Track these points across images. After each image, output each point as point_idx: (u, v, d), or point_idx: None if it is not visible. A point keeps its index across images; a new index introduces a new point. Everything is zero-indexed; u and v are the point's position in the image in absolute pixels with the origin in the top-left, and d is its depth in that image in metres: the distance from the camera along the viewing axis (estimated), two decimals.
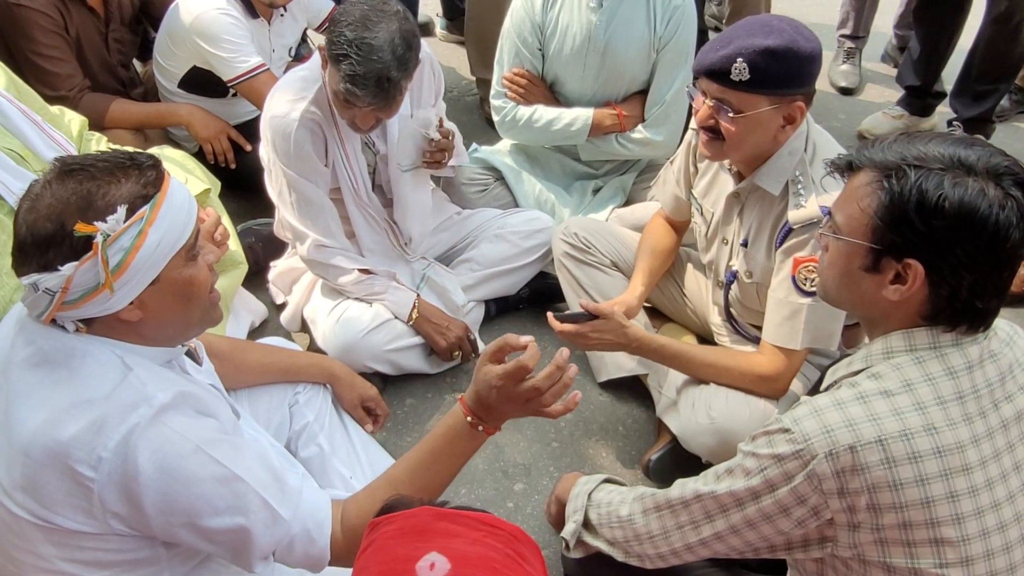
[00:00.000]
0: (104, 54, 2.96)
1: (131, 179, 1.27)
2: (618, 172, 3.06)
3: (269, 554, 1.35)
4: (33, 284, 1.24)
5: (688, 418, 2.16)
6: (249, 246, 2.75)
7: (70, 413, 1.23)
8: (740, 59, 1.87)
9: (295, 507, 1.36)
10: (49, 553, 1.29)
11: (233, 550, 1.33)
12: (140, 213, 1.26)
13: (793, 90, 1.91)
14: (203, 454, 1.28)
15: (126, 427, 1.23)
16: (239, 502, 1.30)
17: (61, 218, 1.22)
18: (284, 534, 1.34)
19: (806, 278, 1.98)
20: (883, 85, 4.30)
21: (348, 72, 2.08)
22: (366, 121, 2.23)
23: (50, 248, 1.23)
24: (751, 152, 2.02)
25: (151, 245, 1.27)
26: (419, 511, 0.97)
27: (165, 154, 2.62)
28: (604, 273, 2.53)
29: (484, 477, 2.34)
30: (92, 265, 1.23)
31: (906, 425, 1.25)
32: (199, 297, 1.38)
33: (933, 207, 1.24)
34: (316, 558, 1.39)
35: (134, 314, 1.30)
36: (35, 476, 1.24)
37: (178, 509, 1.26)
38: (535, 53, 2.87)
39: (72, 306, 1.26)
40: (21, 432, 1.25)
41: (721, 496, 1.38)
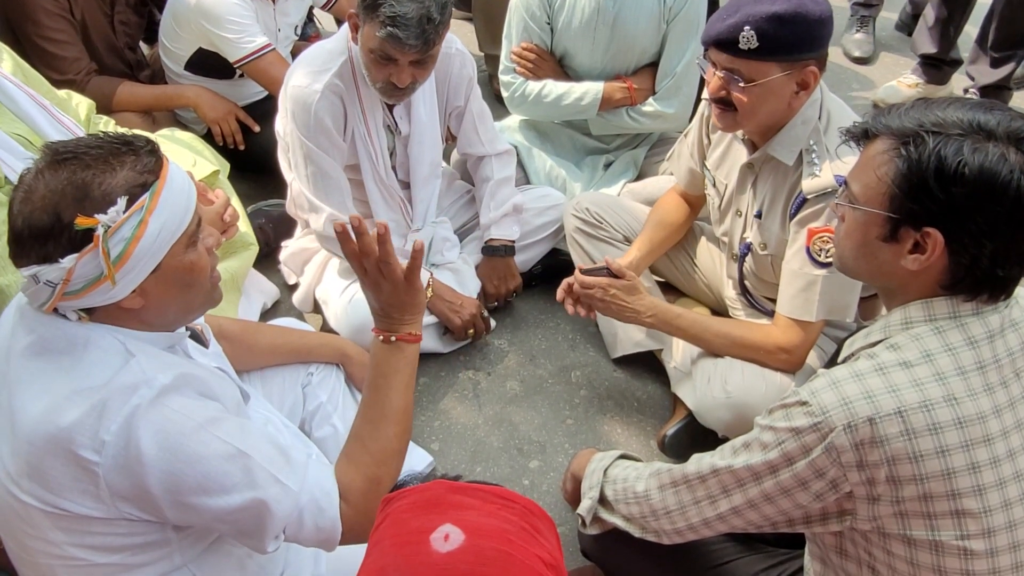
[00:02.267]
0: (110, 37, 2.95)
1: (127, 166, 1.24)
2: (629, 146, 3.03)
3: (280, 531, 1.34)
4: (33, 276, 1.23)
5: (703, 392, 2.14)
6: (259, 227, 2.75)
7: (71, 400, 1.22)
8: (747, 27, 1.85)
9: (302, 479, 1.35)
10: (59, 539, 1.29)
11: (244, 529, 1.32)
12: (140, 202, 1.23)
13: (804, 55, 1.88)
14: (206, 432, 1.27)
15: (128, 409, 1.22)
16: (246, 478, 1.29)
17: (57, 210, 1.20)
18: (293, 507, 1.33)
19: (821, 249, 1.95)
20: (898, 53, 4.24)
21: (389, 13, 2.06)
22: (403, 78, 2.19)
23: (48, 240, 1.21)
24: (765, 121, 1.99)
25: (152, 234, 1.25)
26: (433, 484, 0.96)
27: (176, 137, 2.62)
28: (616, 248, 2.52)
29: (499, 455, 2.34)
30: (93, 257, 1.21)
31: (926, 396, 1.23)
32: (200, 282, 1.36)
33: (952, 174, 1.21)
34: (327, 530, 1.37)
35: (136, 302, 1.29)
36: (40, 463, 1.23)
37: (185, 488, 1.25)
38: (543, 27, 2.83)
39: (74, 297, 1.24)
40: (24, 420, 1.24)
41: (738, 470, 1.36)
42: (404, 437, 1.50)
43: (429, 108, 2.50)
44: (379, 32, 2.09)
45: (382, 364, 1.49)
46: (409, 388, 1.50)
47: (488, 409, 2.48)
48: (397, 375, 1.49)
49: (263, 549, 1.35)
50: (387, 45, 2.11)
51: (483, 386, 2.55)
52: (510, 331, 2.72)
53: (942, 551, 1.26)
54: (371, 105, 2.37)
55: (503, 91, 2.95)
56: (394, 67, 2.17)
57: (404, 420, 1.49)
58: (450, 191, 2.80)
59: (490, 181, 2.66)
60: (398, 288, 1.48)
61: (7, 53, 2.19)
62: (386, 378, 1.49)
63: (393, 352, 1.49)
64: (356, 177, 2.48)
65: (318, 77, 2.29)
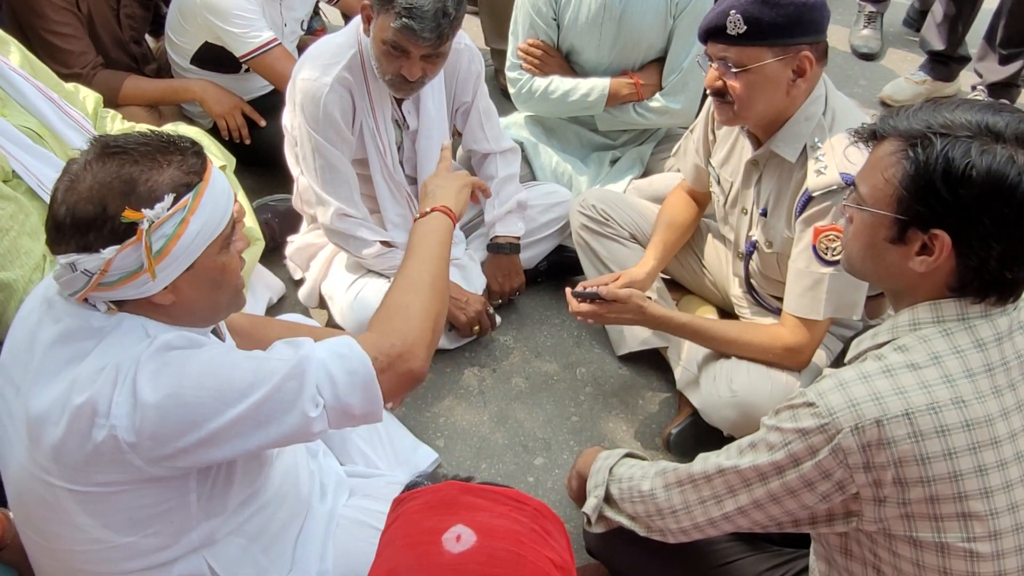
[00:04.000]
0: (116, 30, 2.95)
1: (173, 165, 1.28)
2: (636, 143, 3.03)
3: (315, 393, 1.31)
4: (71, 264, 1.24)
5: (709, 391, 2.14)
6: (265, 222, 2.75)
7: (91, 377, 1.25)
8: (734, 11, 1.86)
9: (312, 346, 1.36)
10: (85, 523, 1.31)
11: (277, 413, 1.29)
12: (184, 201, 1.27)
13: (796, 39, 1.87)
14: (204, 355, 1.29)
15: (135, 367, 1.25)
16: (260, 374, 1.29)
17: (104, 201, 1.22)
18: (317, 365, 1.32)
19: (827, 247, 1.95)
20: (905, 50, 4.22)
21: (405, 5, 2.06)
22: (413, 71, 2.19)
23: (91, 230, 1.23)
24: (764, 112, 1.98)
25: (192, 233, 1.28)
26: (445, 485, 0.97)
27: (182, 131, 2.61)
28: (622, 245, 2.51)
29: (504, 452, 2.34)
30: (134, 250, 1.24)
31: (934, 398, 1.23)
32: (229, 283, 1.39)
33: (960, 176, 1.21)
34: (360, 373, 1.34)
35: (167, 298, 1.31)
36: (66, 442, 1.25)
37: (207, 410, 1.25)
38: (550, 23, 2.83)
39: (108, 288, 1.27)
40: (48, 403, 1.26)
41: (744, 471, 1.37)
42: (440, 279, 1.56)
43: (438, 104, 2.50)
44: (394, 23, 2.09)
45: (417, 231, 1.64)
46: (444, 246, 1.63)
47: (493, 406, 2.48)
48: (433, 234, 1.63)
49: (308, 427, 1.31)
50: (401, 37, 2.11)
51: (488, 383, 2.55)
52: (515, 328, 2.72)
53: (948, 553, 1.26)
54: (380, 99, 2.37)
55: (510, 87, 2.95)
56: (405, 60, 2.17)
57: (439, 265, 1.58)
58: None
59: (494, 179, 2.65)
60: None
61: (15, 46, 2.19)
62: (423, 236, 1.63)
63: (428, 219, 1.66)
64: (364, 172, 2.48)
65: (327, 70, 2.29)
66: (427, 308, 1.47)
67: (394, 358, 1.39)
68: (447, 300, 1.54)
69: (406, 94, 2.35)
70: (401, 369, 1.39)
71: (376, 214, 2.54)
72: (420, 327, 1.45)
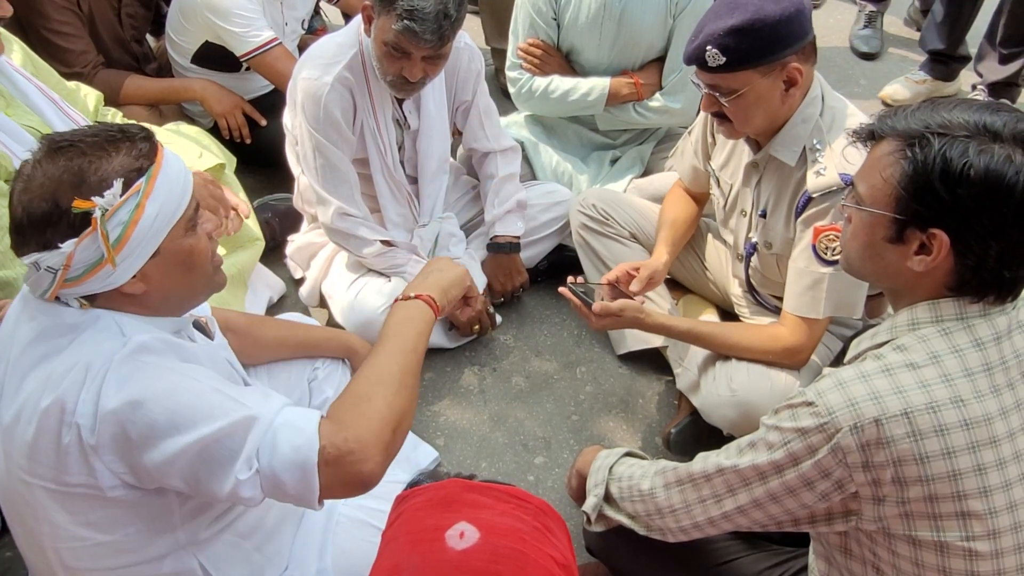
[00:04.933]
0: (117, 30, 2.96)
1: (122, 152, 1.27)
2: (636, 142, 3.03)
3: (253, 454, 1.24)
4: (34, 263, 1.25)
5: (709, 390, 2.15)
6: (266, 221, 2.75)
7: (63, 376, 1.24)
8: (710, 46, 1.86)
9: (279, 408, 1.29)
10: (63, 520, 1.31)
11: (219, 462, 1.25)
12: (136, 186, 1.26)
13: (778, 55, 1.87)
14: (175, 374, 1.26)
15: (104, 369, 1.24)
16: (218, 408, 1.24)
17: (55, 196, 1.23)
18: (267, 427, 1.25)
19: (827, 247, 1.95)
20: (905, 49, 4.22)
21: (407, 7, 2.07)
22: (415, 72, 2.20)
23: (48, 227, 1.23)
24: (763, 124, 1.99)
25: (149, 217, 1.27)
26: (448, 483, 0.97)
27: (182, 131, 2.62)
28: (622, 244, 2.52)
29: (504, 451, 2.35)
30: (92, 241, 1.24)
31: (932, 397, 1.24)
32: (201, 266, 1.38)
33: (958, 175, 1.21)
34: (304, 451, 1.24)
35: (137, 287, 1.31)
36: (37, 440, 1.25)
37: (159, 429, 1.22)
38: (550, 23, 2.83)
39: (75, 283, 1.27)
40: (22, 402, 1.27)
41: (744, 470, 1.37)
42: (409, 374, 1.39)
43: (438, 103, 2.51)
44: (395, 25, 2.10)
45: (395, 314, 1.48)
46: (421, 336, 1.45)
47: (493, 405, 2.48)
48: (410, 323, 1.46)
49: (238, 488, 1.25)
50: (402, 39, 2.12)
51: (488, 382, 2.55)
52: (516, 327, 2.72)
53: (947, 552, 1.26)
54: (381, 99, 2.38)
55: (510, 87, 2.95)
56: (407, 61, 2.18)
57: (410, 358, 1.40)
58: (456, 186, 2.80)
59: (494, 178, 2.66)
60: None
61: (17, 45, 2.20)
62: (399, 323, 1.46)
63: (408, 305, 1.49)
64: (364, 171, 2.48)
65: (328, 70, 2.30)
66: (391, 405, 1.32)
67: (344, 453, 1.25)
68: (416, 396, 1.42)
69: (407, 94, 2.35)
70: (349, 468, 1.25)
71: (376, 213, 2.54)
72: (379, 426, 1.29)
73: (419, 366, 1.43)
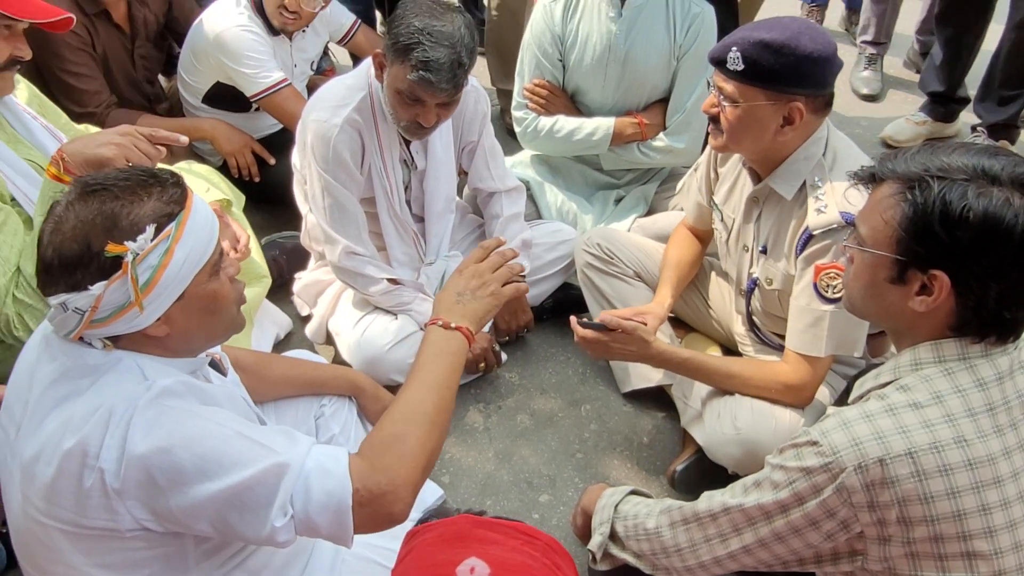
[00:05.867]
0: (130, 70, 3.01)
1: (154, 197, 1.29)
2: (640, 182, 3.06)
3: (287, 501, 1.25)
4: (62, 304, 1.26)
5: (713, 428, 2.15)
6: (273, 259, 2.78)
7: (84, 419, 1.25)
8: (736, 48, 1.91)
9: (307, 449, 1.29)
10: (79, 561, 1.30)
11: (252, 509, 1.25)
12: (167, 231, 1.28)
13: (791, 88, 1.90)
14: (201, 419, 1.26)
15: (129, 413, 1.24)
16: (246, 454, 1.25)
17: (87, 239, 1.24)
18: (297, 472, 1.26)
19: (828, 285, 1.97)
20: (906, 91, 4.27)
21: (421, 58, 2.10)
22: (429, 119, 2.24)
23: (78, 269, 1.25)
24: (752, 148, 2.03)
25: (178, 262, 1.29)
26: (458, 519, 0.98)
27: (192, 169, 2.66)
28: (627, 283, 2.53)
29: (509, 489, 2.35)
30: (121, 284, 1.25)
31: (936, 438, 1.24)
32: (224, 309, 1.40)
33: (957, 218, 1.24)
34: (337, 494, 1.26)
35: (161, 329, 1.32)
36: (56, 482, 1.25)
37: (187, 475, 1.23)
38: (555, 64, 2.88)
39: (101, 324, 1.28)
40: (42, 443, 1.27)
41: (749, 509, 1.37)
42: (443, 411, 1.39)
43: (445, 144, 2.54)
44: (410, 75, 2.14)
45: (433, 344, 1.45)
46: (455, 372, 1.44)
47: (498, 442, 2.48)
48: (447, 356, 1.44)
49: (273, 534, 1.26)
50: (417, 88, 2.16)
51: (493, 419, 2.56)
52: (520, 365, 2.73)
53: None
54: (389, 140, 2.41)
55: (515, 126, 2.99)
56: (421, 108, 2.21)
57: (445, 394, 1.40)
58: (462, 225, 2.83)
59: (499, 218, 2.68)
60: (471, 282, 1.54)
61: (24, 84, 2.24)
62: (436, 355, 1.44)
63: (449, 337, 1.46)
64: (371, 210, 2.51)
65: (337, 111, 2.34)
66: (423, 445, 1.33)
67: (377, 496, 1.27)
68: (446, 431, 1.43)
69: (421, 138, 2.39)
70: (381, 510, 1.28)
71: (383, 251, 2.57)
72: (411, 467, 1.31)
73: (452, 402, 1.43)
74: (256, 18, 2.87)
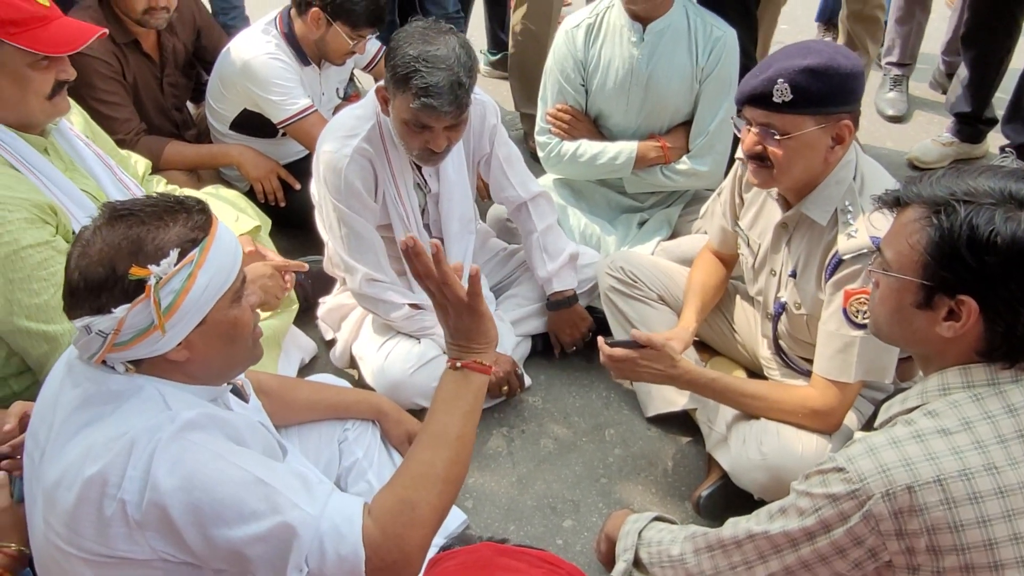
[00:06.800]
0: (159, 98, 3.06)
1: (179, 223, 1.31)
2: (663, 205, 3.06)
3: (303, 561, 1.28)
4: (86, 327, 1.28)
5: (739, 454, 2.13)
6: (299, 283, 2.79)
7: (106, 446, 1.26)
8: (781, 79, 1.88)
9: (323, 505, 1.30)
10: None
11: (267, 559, 1.28)
12: (190, 256, 1.30)
13: (838, 108, 1.91)
14: (223, 460, 1.27)
15: (152, 445, 1.25)
16: (265, 504, 1.26)
17: (113, 262, 1.26)
18: (313, 534, 1.27)
19: (858, 310, 1.95)
20: (932, 112, 4.25)
21: (421, 85, 2.12)
22: (439, 143, 2.25)
23: (103, 292, 1.27)
24: (801, 177, 2.01)
25: (200, 287, 1.31)
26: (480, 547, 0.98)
27: (219, 194, 2.70)
28: (651, 307, 2.52)
29: (532, 514, 2.33)
30: (144, 307, 1.27)
31: (965, 464, 1.23)
32: (243, 337, 1.41)
33: (985, 243, 1.22)
34: (350, 559, 1.28)
35: (182, 354, 1.34)
36: (77, 510, 1.26)
37: (205, 518, 1.25)
38: (578, 89, 2.89)
39: (123, 347, 1.29)
40: (64, 469, 1.28)
41: (775, 536, 1.36)
42: (455, 466, 1.41)
43: (457, 164, 2.55)
44: (413, 104, 2.15)
45: (445, 389, 1.46)
46: (469, 418, 1.44)
47: (522, 467, 2.47)
48: (458, 401, 1.44)
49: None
50: (422, 115, 2.17)
51: (516, 444, 2.55)
52: (544, 388, 2.73)
53: None
54: (400, 167, 2.43)
55: (539, 151, 3.00)
56: (429, 134, 2.23)
57: (457, 447, 1.41)
58: (485, 249, 2.84)
59: (535, 233, 2.68)
60: (461, 312, 1.45)
61: (78, 111, 2.29)
62: (446, 403, 1.44)
63: (458, 379, 1.46)
64: (389, 235, 2.52)
65: (347, 142, 2.36)
66: (435, 508, 1.36)
67: (388, 564, 1.30)
68: (463, 478, 1.42)
69: (434, 164, 2.40)
70: (393, 574, 1.31)
71: (404, 276, 2.58)
72: (422, 534, 1.33)
73: (469, 447, 1.44)
74: (286, 47, 2.92)
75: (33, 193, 1.89)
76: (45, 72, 1.93)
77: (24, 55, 1.87)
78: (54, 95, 1.97)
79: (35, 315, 1.85)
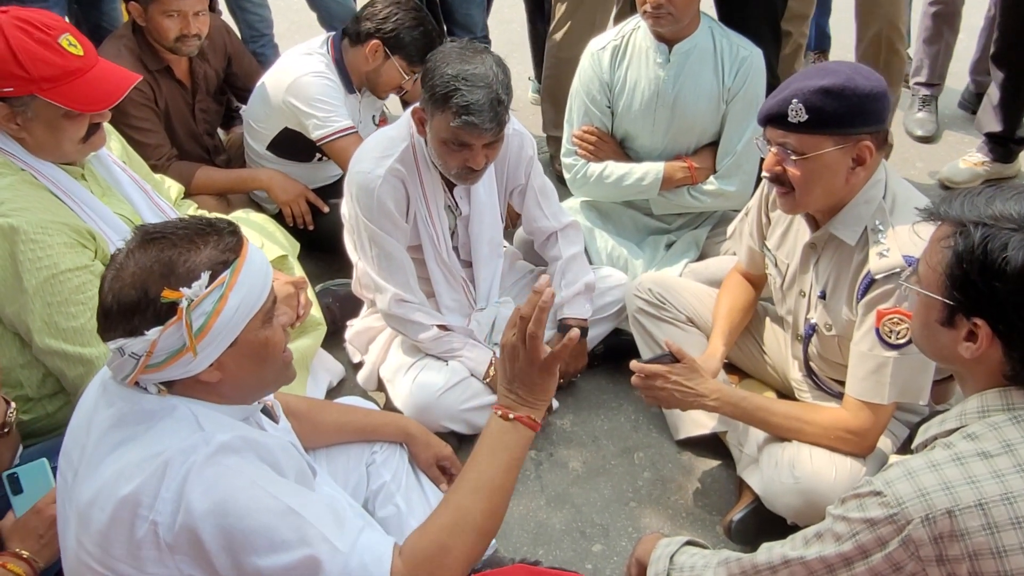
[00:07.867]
0: (191, 124, 3.10)
1: (210, 245, 1.33)
2: (691, 226, 3.04)
3: None
4: (119, 349, 1.30)
5: (771, 477, 2.10)
6: (327, 306, 2.81)
7: (139, 467, 1.27)
8: (795, 99, 1.88)
9: (353, 541, 1.31)
10: None
11: None
12: (221, 278, 1.31)
13: (857, 129, 1.89)
14: (258, 488, 1.28)
15: (185, 468, 1.26)
16: (296, 535, 1.28)
17: (145, 285, 1.28)
18: (341, 570, 1.28)
19: (891, 330, 1.92)
20: (962, 131, 4.21)
21: (461, 103, 2.14)
22: (479, 161, 2.27)
23: (135, 314, 1.28)
24: (823, 198, 1.99)
25: (231, 308, 1.32)
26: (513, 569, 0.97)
27: (250, 218, 2.72)
28: (680, 329, 2.51)
29: (562, 538, 2.31)
30: (176, 329, 1.28)
31: (1007, 488, 1.20)
32: (274, 358, 1.42)
33: (995, 269, 1.21)
34: None
35: (213, 375, 1.35)
36: (109, 531, 1.27)
37: (236, 545, 1.26)
38: (604, 111, 2.90)
39: (156, 369, 1.31)
40: (97, 489, 1.29)
41: (811, 562, 1.33)
42: (491, 519, 1.42)
43: (488, 188, 2.56)
44: (453, 122, 2.17)
45: (492, 436, 1.45)
46: (511, 471, 1.44)
47: (550, 490, 2.46)
48: (503, 453, 1.44)
49: None
50: (462, 133, 2.19)
51: (545, 467, 2.53)
52: (572, 412, 2.71)
53: None
54: (432, 188, 2.44)
55: (565, 173, 3.01)
56: (468, 152, 2.25)
57: (496, 498, 1.42)
58: (512, 271, 2.83)
59: (560, 260, 2.68)
60: (533, 365, 1.44)
61: (116, 138, 2.33)
62: (492, 451, 1.44)
63: (506, 430, 1.45)
64: (418, 256, 2.53)
65: (380, 163, 2.38)
66: (468, 555, 1.38)
67: (430, 563, 1.33)
68: (496, 530, 1.43)
69: (472, 182, 2.41)
70: (430, 571, 1.34)
71: (432, 298, 2.58)
72: (473, 537, 1.37)
73: (506, 501, 1.44)
74: (334, 70, 2.95)
75: (72, 218, 1.91)
76: (79, 120, 1.94)
77: (59, 107, 1.88)
78: (89, 136, 1.99)
79: (72, 338, 1.87)
